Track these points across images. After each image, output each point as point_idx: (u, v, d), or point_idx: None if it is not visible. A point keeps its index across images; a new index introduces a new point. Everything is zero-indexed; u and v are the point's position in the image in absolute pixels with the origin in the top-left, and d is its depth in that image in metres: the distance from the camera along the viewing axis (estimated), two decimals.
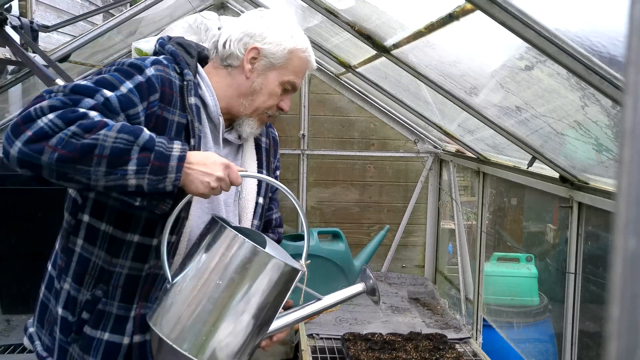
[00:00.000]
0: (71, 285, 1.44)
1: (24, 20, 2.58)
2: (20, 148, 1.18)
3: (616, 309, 0.35)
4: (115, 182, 1.21)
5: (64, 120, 1.18)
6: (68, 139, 1.17)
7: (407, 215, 4.12)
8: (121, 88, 1.30)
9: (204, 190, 1.28)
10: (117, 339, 1.44)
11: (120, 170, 1.20)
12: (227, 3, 3.96)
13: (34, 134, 1.17)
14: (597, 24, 1.26)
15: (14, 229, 3.04)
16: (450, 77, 2.23)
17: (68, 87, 1.25)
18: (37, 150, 1.17)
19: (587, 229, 2.16)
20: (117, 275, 1.42)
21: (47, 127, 1.18)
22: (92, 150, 1.18)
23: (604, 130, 1.69)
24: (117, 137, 1.20)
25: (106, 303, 1.42)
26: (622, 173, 0.35)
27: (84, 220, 1.42)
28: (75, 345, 1.44)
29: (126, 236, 1.41)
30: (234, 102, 1.52)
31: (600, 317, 2.17)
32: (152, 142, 1.23)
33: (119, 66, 1.37)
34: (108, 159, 1.19)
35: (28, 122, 1.18)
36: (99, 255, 1.41)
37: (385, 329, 3.03)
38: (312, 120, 4.07)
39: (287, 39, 1.51)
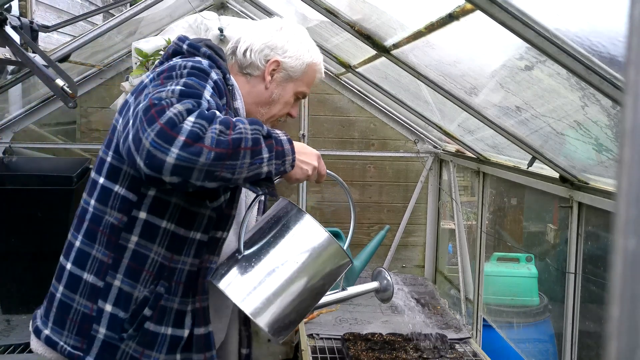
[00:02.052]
0: (123, 281, 1.44)
1: (24, 20, 2.57)
2: (179, 153, 1.18)
3: (616, 309, 0.35)
4: (253, 172, 1.27)
5: (206, 120, 1.21)
6: (218, 137, 1.21)
7: (407, 215, 4.12)
8: (205, 92, 1.34)
9: (300, 175, 1.40)
10: (179, 333, 1.49)
11: (258, 159, 1.27)
12: (227, 3, 3.96)
13: (188, 138, 1.18)
14: (597, 24, 1.26)
15: (14, 229, 3.04)
16: (450, 77, 2.23)
17: (175, 92, 1.27)
18: (195, 153, 1.18)
19: (587, 229, 2.16)
20: (180, 272, 1.46)
21: (197, 128, 1.19)
22: (240, 144, 1.23)
23: (604, 130, 1.69)
24: (252, 129, 1.26)
25: (168, 299, 1.46)
26: (622, 173, 0.35)
27: (140, 217, 1.43)
28: (130, 341, 1.45)
29: (189, 234, 1.45)
30: (252, 109, 1.60)
31: (600, 317, 2.17)
32: (269, 130, 1.31)
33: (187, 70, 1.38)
34: (251, 150, 1.25)
35: (175, 127, 1.19)
36: (158, 252, 1.44)
37: (385, 329, 3.03)
38: (312, 120, 4.07)
39: (305, 54, 1.61)
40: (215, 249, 1.51)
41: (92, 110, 3.90)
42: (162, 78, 1.37)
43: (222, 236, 1.50)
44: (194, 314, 1.50)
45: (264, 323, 1.40)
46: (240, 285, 1.42)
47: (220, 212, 1.48)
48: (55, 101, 3.65)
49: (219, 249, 1.51)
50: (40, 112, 3.80)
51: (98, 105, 3.87)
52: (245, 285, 1.42)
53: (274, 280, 1.41)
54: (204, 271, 1.49)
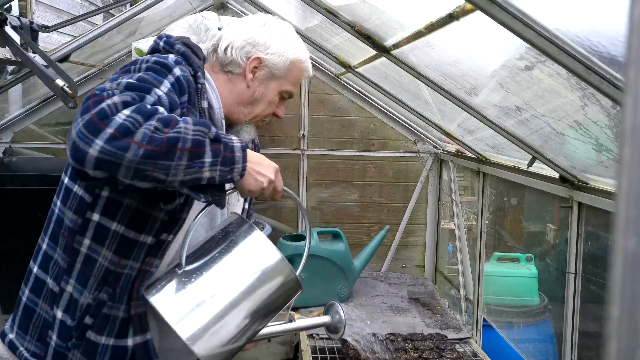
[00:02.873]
0: (74, 287, 1.38)
1: (24, 21, 2.57)
2: (103, 146, 1.10)
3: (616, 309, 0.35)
4: (191, 176, 1.18)
5: (142, 114, 1.14)
6: (151, 133, 1.13)
7: (407, 215, 4.12)
8: (162, 87, 1.27)
9: (254, 187, 1.29)
10: (123, 343, 1.40)
11: (198, 162, 1.18)
12: (227, 3, 3.96)
13: (116, 131, 1.11)
14: (597, 24, 1.26)
15: (14, 229, 3.04)
16: (450, 77, 2.23)
17: (121, 84, 1.21)
18: (122, 147, 1.11)
19: (587, 229, 2.16)
20: (127, 278, 1.38)
21: (128, 122, 1.12)
22: (176, 144, 1.14)
23: (604, 130, 1.69)
24: (195, 130, 1.18)
25: (112, 307, 1.38)
26: (622, 173, 0.35)
27: (93, 220, 1.37)
28: (76, 351, 1.39)
29: (140, 237, 1.37)
30: (234, 108, 1.52)
31: (600, 317, 2.17)
32: (219, 133, 1.22)
33: (147, 64, 1.33)
34: (189, 151, 1.16)
35: (105, 119, 1.11)
36: (106, 256, 1.37)
37: (385, 329, 3.03)
38: (312, 120, 4.07)
39: (288, 50, 1.53)
40: (158, 252, 1.40)
41: None
42: (121, 72, 1.32)
43: (167, 239, 1.40)
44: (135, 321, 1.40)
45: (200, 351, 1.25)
46: (176, 304, 1.28)
47: (174, 215, 1.39)
48: (55, 101, 3.65)
49: (161, 253, 1.41)
50: (40, 112, 3.80)
51: None
52: (182, 305, 1.28)
53: (214, 301, 1.28)
54: (143, 274, 1.39)
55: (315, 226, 3.99)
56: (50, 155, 3.80)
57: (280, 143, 4.07)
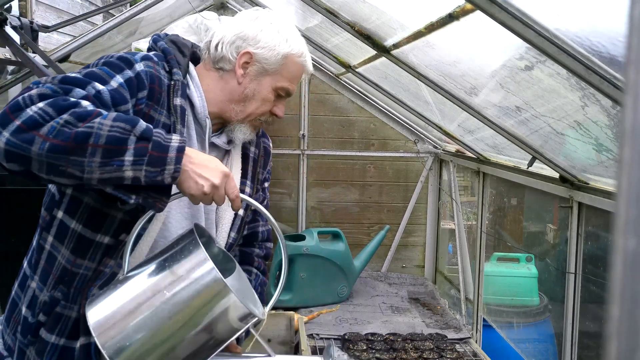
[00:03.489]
0: (37, 284, 1.37)
1: (24, 21, 2.58)
2: (9, 138, 1.08)
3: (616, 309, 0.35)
4: (110, 175, 1.12)
5: (56, 108, 1.10)
6: (60, 127, 1.08)
7: (407, 215, 4.12)
8: (112, 82, 1.23)
9: (195, 192, 1.19)
10: (71, 344, 1.36)
11: (117, 160, 1.11)
12: (227, 3, 3.96)
13: (23, 123, 1.08)
14: (597, 24, 1.26)
15: (14, 229, 3.04)
16: (450, 77, 2.23)
17: (57, 77, 1.18)
18: (27, 140, 1.08)
19: (587, 229, 2.17)
20: (82, 277, 1.34)
21: (38, 115, 1.09)
22: (87, 139, 1.09)
23: (604, 130, 1.69)
24: (114, 126, 1.11)
25: (65, 306, 1.35)
26: (622, 173, 0.35)
27: (57, 217, 1.34)
28: (32, 347, 1.37)
29: (96, 237, 1.32)
30: (225, 107, 1.45)
31: (600, 317, 2.17)
32: (150, 131, 1.15)
33: (108, 59, 1.30)
34: (104, 148, 1.10)
35: (17, 111, 1.10)
36: (64, 254, 1.34)
37: (385, 329, 3.03)
38: (312, 120, 4.07)
39: (281, 44, 1.43)
40: (114, 253, 1.34)
41: None
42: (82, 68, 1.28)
43: (124, 239, 1.33)
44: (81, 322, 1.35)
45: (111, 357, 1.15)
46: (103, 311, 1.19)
47: (134, 215, 1.31)
48: None
49: (117, 253, 1.34)
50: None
51: None
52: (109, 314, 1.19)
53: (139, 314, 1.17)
54: (96, 275, 1.34)
55: (315, 226, 3.99)
56: None
57: (280, 143, 4.07)
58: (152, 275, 1.22)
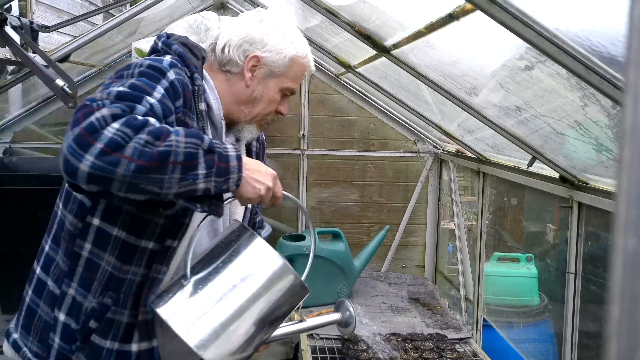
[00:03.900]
0: (77, 290, 1.38)
1: (24, 21, 2.58)
2: (93, 162, 1.09)
3: (616, 309, 0.35)
4: (186, 188, 1.17)
5: (132, 128, 1.12)
6: (142, 147, 1.11)
7: (407, 215, 4.12)
8: (155, 94, 1.25)
9: (252, 195, 1.27)
10: (127, 348, 1.40)
11: (192, 175, 1.16)
12: (227, 3, 3.96)
13: (106, 146, 1.09)
14: (597, 24, 1.26)
15: (14, 229, 3.04)
16: (450, 77, 2.23)
17: (111, 93, 1.19)
18: (112, 163, 1.09)
19: (587, 229, 2.16)
20: (130, 283, 1.38)
21: (118, 136, 1.10)
22: (168, 157, 1.13)
23: (604, 130, 1.69)
24: (187, 142, 1.16)
25: (116, 311, 1.38)
26: (622, 173, 0.35)
27: (93, 224, 1.36)
28: (80, 354, 1.39)
29: (140, 243, 1.37)
30: (233, 108, 1.50)
31: (600, 317, 2.17)
32: (212, 144, 1.20)
33: (140, 69, 1.30)
34: (182, 164, 1.15)
35: (94, 134, 1.10)
36: (109, 261, 1.36)
37: (385, 329, 3.03)
38: (312, 120, 4.07)
39: (287, 46, 1.48)
40: (164, 259, 1.40)
41: None
42: (114, 77, 1.29)
43: (172, 245, 1.40)
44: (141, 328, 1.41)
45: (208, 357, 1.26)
46: (183, 313, 1.29)
47: (175, 220, 1.38)
48: (55, 101, 3.65)
49: (167, 259, 1.40)
50: (40, 112, 3.80)
51: None
52: (190, 315, 1.29)
53: (221, 310, 1.29)
54: (151, 282, 1.39)
55: (315, 226, 3.99)
56: (50, 155, 3.80)
57: (280, 143, 4.07)
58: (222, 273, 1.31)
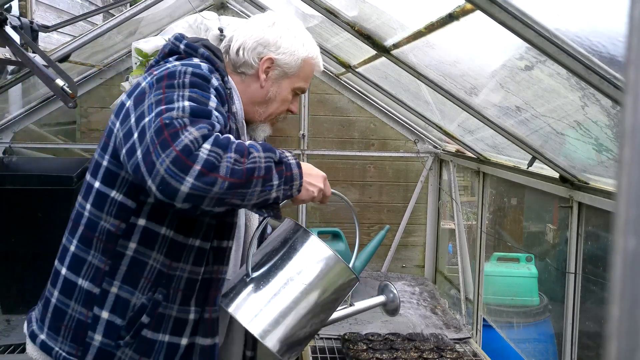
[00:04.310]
0: (121, 288, 1.42)
1: (24, 20, 2.57)
2: (194, 183, 1.17)
3: (616, 309, 0.35)
4: (263, 198, 1.28)
5: (221, 147, 1.21)
6: (232, 166, 1.20)
7: (407, 215, 4.12)
8: (211, 104, 1.32)
9: (306, 197, 1.37)
10: (177, 340, 1.47)
11: (268, 186, 1.27)
12: (227, 3, 3.96)
13: (203, 167, 1.18)
14: (597, 24, 1.26)
15: (14, 229, 3.04)
16: (450, 77, 2.23)
17: (185, 111, 1.25)
18: (210, 183, 1.18)
19: (587, 229, 2.16)
20: (178, 279, 1.44)
21: (213, 157, 1.19)
22: (253, 173, 1.23)
23: (604, 130, 1.69)
24: (266, 157, 1.26)
25: (166, 306, 1.44)
26: (622, 173, 0.35)
27: (139, 224, 1.41)
28: (127, 349, 1.43)
29: (188, 240, 1.43)
30: (249, 108, 1.57)
31: (600, 317, 2.17)
32: (280, 155, 1.31)
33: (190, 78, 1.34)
34: (263, 178, 1.25)
35: (190, 156, 1.18)
36: (157, 258, 1.42)
37: (385, 329, 3.03)
38: (312, 120, 4.07)
39: (299, 48, 1.56)
40: (224, 259, 1.49)
41: (92, 110, 3.90)
42: (164, 86, 1.32)
43: (227, 245, 1.49)
44: (199, 324, 1.48)
45: (271, 344, 1.40)
46: (247, 307, 1.42)
47: (220, 219, 1.46)
48: (55, 101, 3.65)
49: (227, 259, 1.50)
50: (40, 112, 3.80)
51: (98, 105, 3.87)
52: (253, 307, 1.41)
53: (282, 302, 1.41)
54: (216, 282, 1.48)
55: (315, 226, 3.99)
56: (50, 155, 3.80)
57: (280, 143, 4.06)
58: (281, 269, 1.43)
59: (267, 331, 1.39)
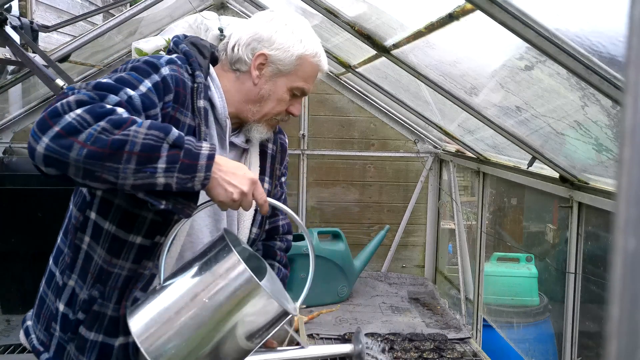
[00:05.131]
0: (77, 282, 1.42)
1: (24, 20, 2.58)
2: (48, 144, 1.12)
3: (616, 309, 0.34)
4: (143, 181, 1.16)
5: (93, 115, 1.14)
6: (97, 134, 1.12)
7: (407, 215, 4.12)
8: (141, 87, 1.27)
9: (224, 198, 1.24)
10: (111, 341, 1.42)
11: (150, 167, 1.15)
12: (227, 3, 3.96)
13: (62, 129, 1.12)
14: (597, 24, 1.26)
15: (14, 229, 3.04)
16: (450, 77, 2.23)
17: (91, 84, 1.22)
18: (66, 146, 1.12)
19: (587, 229, 2.16)
20: (116, 276, 1.39)
21: (76, 122, 1.13)
22: (123, 147, 1.13)
23: (604, 130, 1.69)
24: (148, 134, 1.15)
25: (102, 304, 1.40)
26: (622, 173, 0.35)
27: (91, 218, 1.39)
28: (72, 344, 1.42)
29: (129, 237, 1.38)
30: (242, 107, 1.49)
31: (600, 317, 2.17)
32: (182, 139, 1.19)
33: (135, 63, 1.34)
34: (138, 155, 1.14)
35: (55, 117, 1.13)
36: (100, 254, 1.39)
37: (385, 329, 3.03)
38: (312, 120, 4.07)
39: (295, 45, 1.47)
40: (152, 255, 1.39)
41: None
42: (111, 71, 1.34)
43: (159, 241, 1.39)
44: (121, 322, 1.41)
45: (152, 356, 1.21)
46: (144, 319, 1.24)
47: (165, 216, 1.36)
48: None
49: (154, 255, 1.39)
50: (40, 112, 3.79)
51: None
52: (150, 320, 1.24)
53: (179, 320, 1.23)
54: (137, 277, 1.40)
55: (315, 226, 3.99)
56: None
57: None
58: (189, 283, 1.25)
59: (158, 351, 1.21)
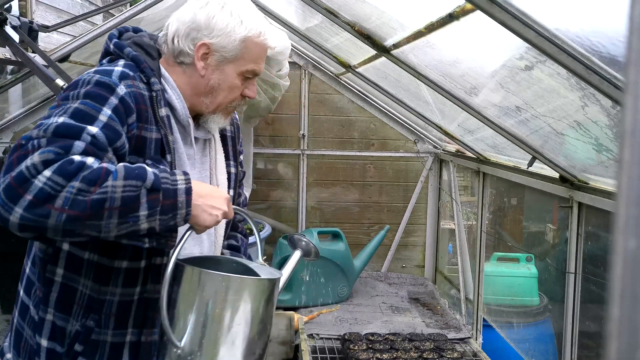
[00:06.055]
0: (55, 315, 1.35)
1: (23, 20, 2.58)
2: (22, 214, 1.07)
3: (616, 309, 0.35)
4: (127, 230, 1.14)
5: (64, 175, 1.08)
6: (74, 197, 1.07)
7: (407, 215, 4.12)
8: (100, 117, 1.19)
9: (210, 222, 1.24)
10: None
11: (132, 217, 1.13)
12: None
13: (35, 198, 1.06)
14: (597, 24, 1.26)
15: None
16: (450, 77, 2.23)
17: (48, 130, 1.13)
18: (43, 215, 1.07)
19: (587, 229, 2.16)
20: (109, 303, 1.35)
21: (48, 187, 1.07)
22: (103, 205, 1.09)
23: (604, 130, 1.69)
24: (125, 185, 1.12)
25: (100, 332, 1.36)
26: (622, 173, 0.35)
27: (63, 249, 1.33)
28: None
29: (114, 263, 1.33)
30: (195, 100, 1.42)
31: (600, 317, 2.17)
32: (158, 180, 1.16)
33: (87, 88, 1.24)
34: (119, 209, 1.11)
35: (24, 184, 1.07)
36: (85, 284, 1.33)
37: (385, 329, 3.03)
38: (312, 120, 4.07)
39: (236, 27, 1.37)
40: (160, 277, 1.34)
41: None
42: (60, 98, 1.23)
43: (162, 262, 1.36)
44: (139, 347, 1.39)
45: None
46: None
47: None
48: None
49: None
50: (40, 112, 3.80)
51: None
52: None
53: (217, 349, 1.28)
54: (154, 303, 1.35)
55: (315, 226, 4.00)
56: None
57: (280, 143, 4.07)
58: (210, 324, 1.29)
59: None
